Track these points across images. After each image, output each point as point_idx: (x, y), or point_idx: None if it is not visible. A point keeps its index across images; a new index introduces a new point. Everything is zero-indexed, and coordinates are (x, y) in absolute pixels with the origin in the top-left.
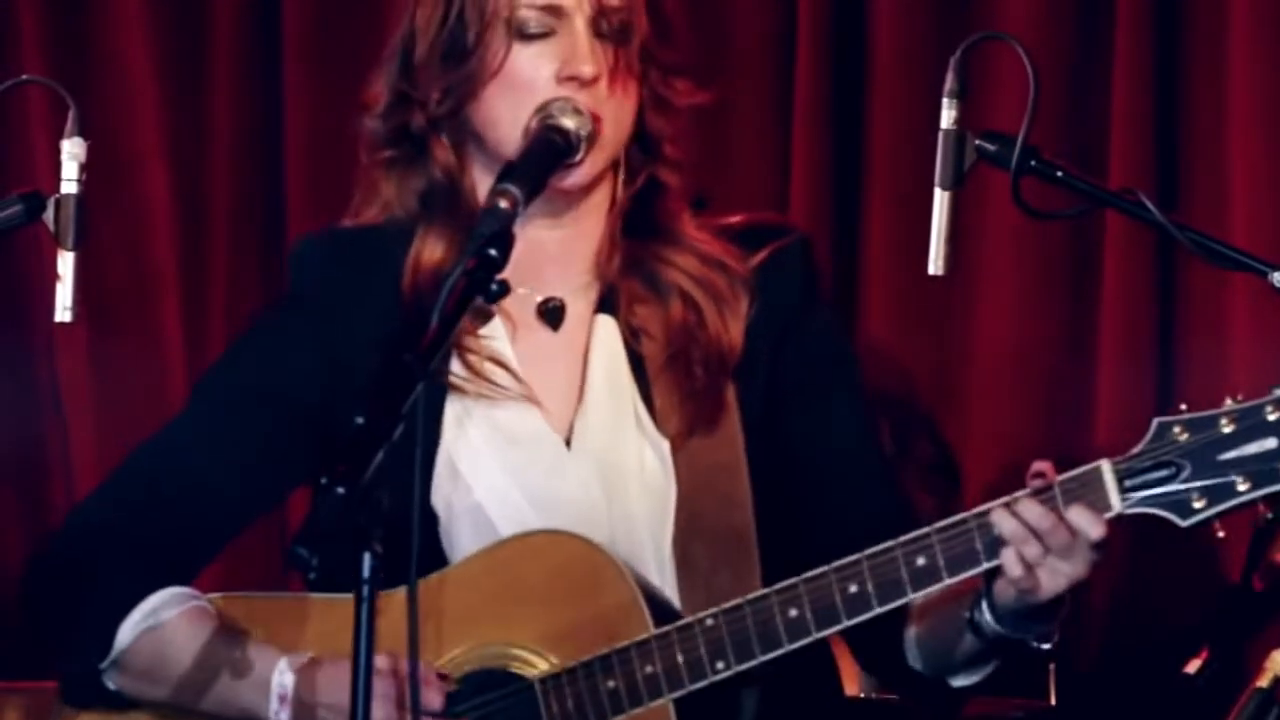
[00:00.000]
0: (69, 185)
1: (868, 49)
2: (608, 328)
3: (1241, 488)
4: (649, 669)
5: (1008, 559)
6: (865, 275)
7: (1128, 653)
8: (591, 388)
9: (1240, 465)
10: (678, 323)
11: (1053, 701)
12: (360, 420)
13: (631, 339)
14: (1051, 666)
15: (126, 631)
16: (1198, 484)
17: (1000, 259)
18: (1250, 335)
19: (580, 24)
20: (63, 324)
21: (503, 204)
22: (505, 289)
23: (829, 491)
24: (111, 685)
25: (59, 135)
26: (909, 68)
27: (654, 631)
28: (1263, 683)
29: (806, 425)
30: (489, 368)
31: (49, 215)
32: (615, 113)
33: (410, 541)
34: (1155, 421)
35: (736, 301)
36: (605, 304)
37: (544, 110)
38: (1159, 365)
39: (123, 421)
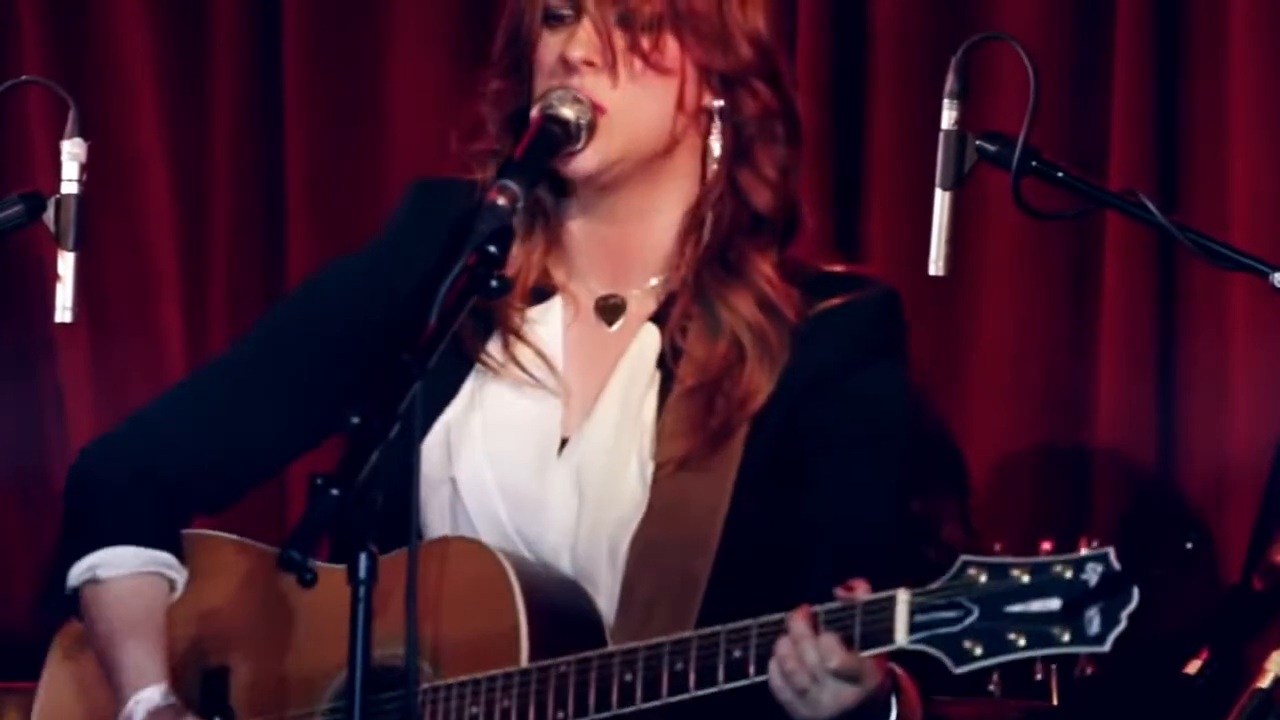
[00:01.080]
0: (69, 186)
1: (868, 49)
2: (651, 338)
3: (1019, 643)
4: (505, 703)
5: (771, 670)
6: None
7: (1128, 653)
8: (606, 396)
9: (1022, 620)
10: (719, 359)
11: (1053, 702)
12: (356, 420)
13: (670, 356)
14: (1052, 667)
15: (72, 576)
16: (980, 631)
17: (1001, 260)
18: (1250, 336)
19: (591, 9)
20: (63, 324)
21: (501, 200)
22: (505, 285)
23: (812, 560)
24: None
25: (59, 135)
26: (909, 68)
27: (517, 668)
28: (1263, 683)
29: (815, 487)
30: (522, 350)
31: (49, 216)
32: (625, 100)
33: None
34: (960, 558)
35: (780, 352)
36: (660, 314)
37: (544, 99)
38: (1159, 366)
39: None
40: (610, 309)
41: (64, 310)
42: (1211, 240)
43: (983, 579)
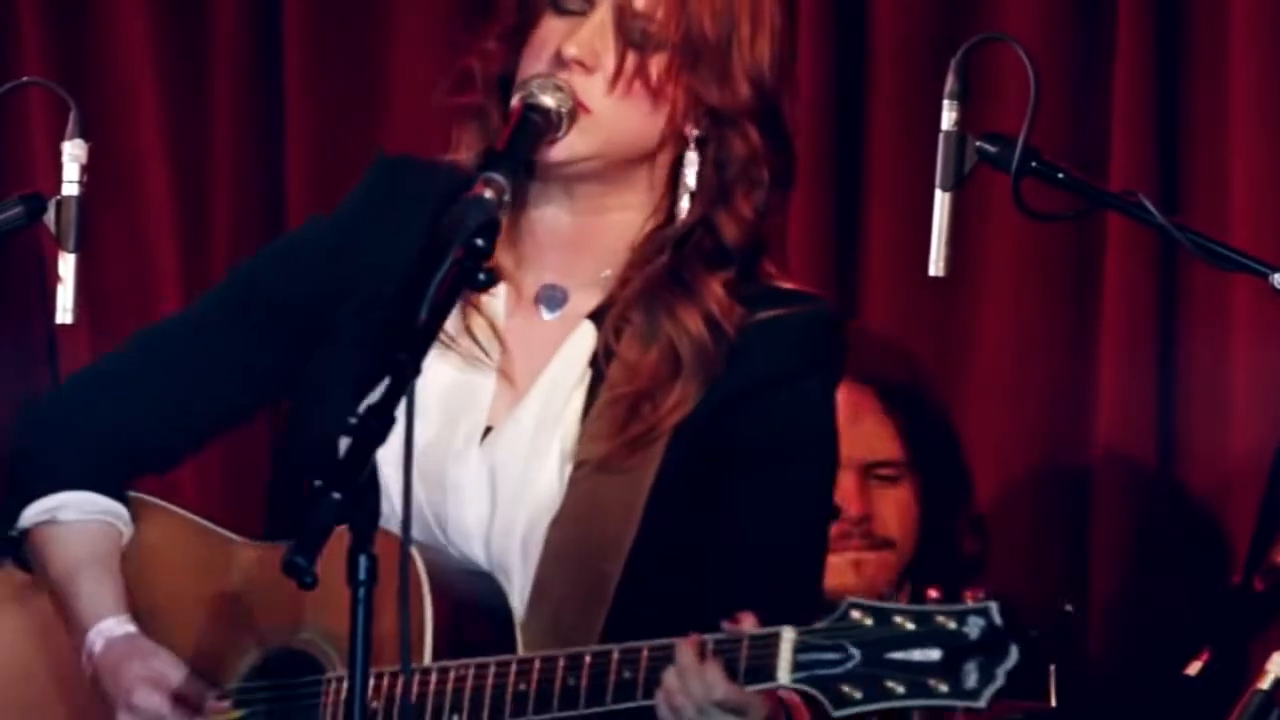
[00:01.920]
0: (70, 187)
1: (868, 50)
2: (587, 335)
3: (898, 691)
4: (406, 700)
5: (658, 699)
6: (866, 276)
7: (1128, 653)
8: (536, 389)
9: (903, 669)
10: (649, 367)
11: (1053, 702)
12: (353, 420)
13: (603, 357)
14: (1052, 667)
15: (27, 516)
16: (860, 676)
17: (1001, 261)
18: (1251, 336)
19: (603, 14)
20: (64, 325)
21: (488, 193)
22: (493, 278)
23: (717, 567)
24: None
25: (60, 137)
26: (910, 69)
27: (418, 666)
28: (1263, 684)
29: (730, 500)
30: (477, 322)
31: (50, 217)
32: (612, 109)
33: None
34: (845, 600)
35: (716, 367)
36: (599, 312)
37: (524, 88)
38: (1160, 367)
39: None
40: (551, 299)
41: (64, 311)
42: (1211, 241)
43: (868, 622)
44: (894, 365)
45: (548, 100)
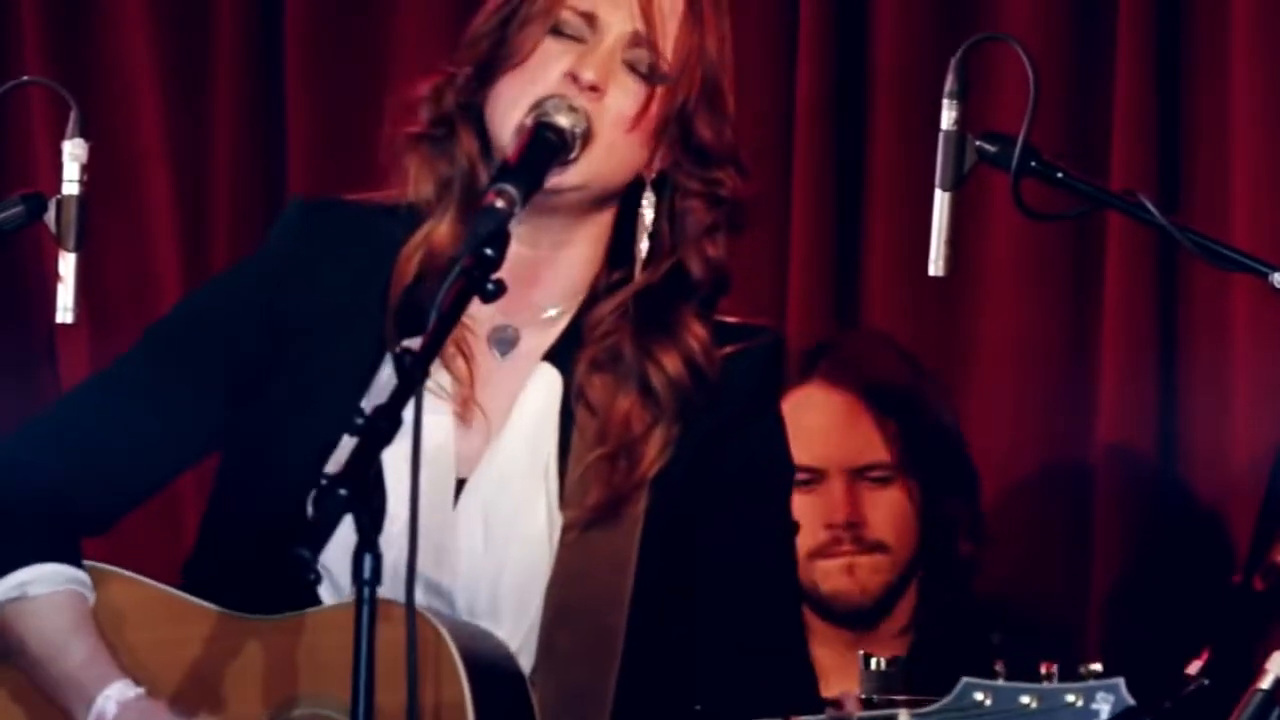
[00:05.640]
0: (70, 186)
1: (868, 49)
2: (549, 380)
3: None
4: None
5: None
6: (866, 276)
7: (1128, 653)
8: (510, 432)
9: None
10: (624, 414)
11: None
12: (360, 421)
13: (575, 403)
14: (1054, 668)
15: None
16: None
17: (1001, 260)
18: (1251, 336)
19: (610, 41)
20: (64, 325)
21: (499, 203)
22: (501, 288)
23: (714, 606)
24: None
25: (60, 136)
26: (910, 68)
27: None
28: (1263, 684)
29: (711, 534)
30: (453, 358)
31: (50, 216)
32: (612, 141)
33: None
34: (962, 680)
35: (694, 409)
36: (559, 351)
37: (539, 107)
38: (1160, 366)
39: None
40: (502, 341)
41: (64, 311)
42: (1211, 240)
43: (988, 702)
44: (889, 366)
45: (562, 120)
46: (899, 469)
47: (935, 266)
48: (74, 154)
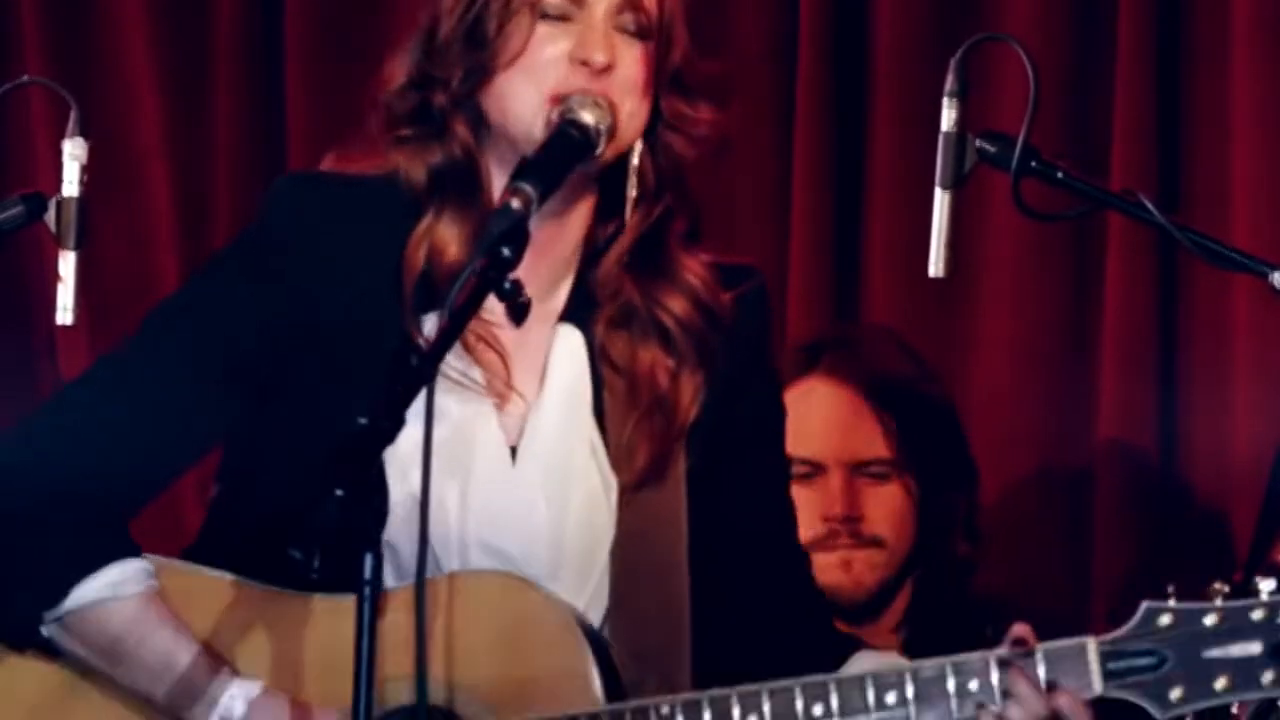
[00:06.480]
0: (70, 186)
1: (869, 49)
2: (573, 339)
3: (1220, 687)
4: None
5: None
6: (866, 275)
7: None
8: (549, 396)
9: (1223, 665)
10: (648, 368)
11: None
12: (363, 421)
13: (601, 361)
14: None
15: (85, 594)
16: (1179, 677)
17: (1001, 260)
18: (1251, 336)
19: (599, 13)
20: (64, 325)
21: (515, 203)
22: (518, 288)
23: (736, 555)
24: (46, 633)
25: (60, 136)
26: (910, 68)
27: (606, 708)
28: None
29: (730, 485)
30: (484, 352)
31: (50, 216)
32: (630, 107)
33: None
34: (1144, 605)
35: (715, 354)
36: (573, 313)
37: (564, 104)
38: (1161, 366)
39: None
40: (518, 308)
41: (64, 311)
42: (1211, 240)
43: (1171, 625)
44: (888, 362)
45: (588, 117)
46: (898, 465)
47: (935, 268)
48: (74, 154)
